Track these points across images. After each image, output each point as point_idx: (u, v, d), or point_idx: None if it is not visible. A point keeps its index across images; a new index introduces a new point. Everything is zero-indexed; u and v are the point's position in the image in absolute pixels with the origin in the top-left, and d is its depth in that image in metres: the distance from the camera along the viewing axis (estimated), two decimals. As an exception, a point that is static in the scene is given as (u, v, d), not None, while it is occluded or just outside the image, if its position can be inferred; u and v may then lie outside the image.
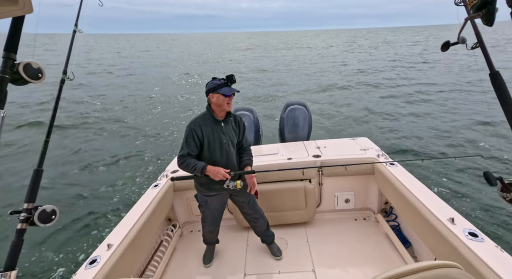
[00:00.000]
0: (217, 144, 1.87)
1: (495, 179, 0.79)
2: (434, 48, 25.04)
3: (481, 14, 0.78)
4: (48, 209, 0.90)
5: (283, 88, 12.48)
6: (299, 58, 24.82)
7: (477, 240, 1.41)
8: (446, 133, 5.73)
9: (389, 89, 10.53)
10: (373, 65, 18.14)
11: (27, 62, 0.76)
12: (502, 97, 0.81)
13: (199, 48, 45.49)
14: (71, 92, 12.90)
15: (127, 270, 1.80)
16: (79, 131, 8.74)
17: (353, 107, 8.54)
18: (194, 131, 1.82)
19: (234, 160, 1.98)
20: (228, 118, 1.93)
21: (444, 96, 8.29)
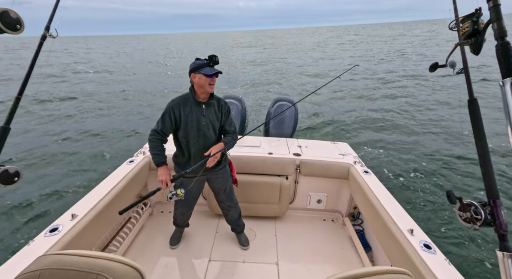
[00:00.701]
0: (195, 125, 1.84)
1: (455, 198, 0.85)
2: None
3: (470, 42, 0.81)
4: (11, 170, 0.85)
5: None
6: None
7: (430, 252, 1.52)
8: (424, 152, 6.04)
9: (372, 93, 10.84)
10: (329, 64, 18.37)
11: (4, 10, 0.70)
12: (475, 122, 0.86)
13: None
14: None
15: (90, 242, 1.76)
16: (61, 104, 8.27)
17: (337, 111, 8.73)
18: (172, 109, 1.81)
19: (213, 144, 1.91)
20: (211, 101, 1.87)
21: (427, 113, 8.68)
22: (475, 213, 0.80)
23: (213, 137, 1.93)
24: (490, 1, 0.68)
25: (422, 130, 7.27)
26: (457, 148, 6.09)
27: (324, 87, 2.97)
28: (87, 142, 5.84)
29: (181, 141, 1.91)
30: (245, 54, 27.85)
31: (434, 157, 5.64)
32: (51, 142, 5.73)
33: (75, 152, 5.29)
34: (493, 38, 0.69)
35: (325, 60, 20.76)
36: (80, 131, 6.43)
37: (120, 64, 21.11)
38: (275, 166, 2.54)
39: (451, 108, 8.87)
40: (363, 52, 25.64)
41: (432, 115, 8.27)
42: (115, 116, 7.73)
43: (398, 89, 11.39)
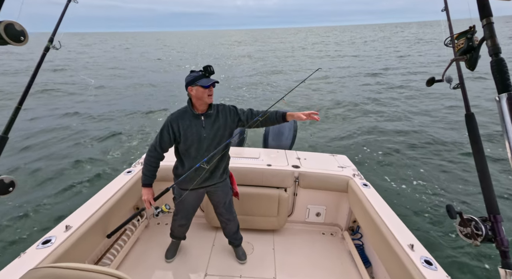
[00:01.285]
0: (195, 139, 1.82)
1: (456, 213, 0.84)
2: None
3: (466, 58, 0.83)
4: (6, 180, 0.84)
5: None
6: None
7: (431, 268, 1.48)
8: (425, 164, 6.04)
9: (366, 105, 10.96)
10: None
11: (9, 22, 0.71)
12: (473, 136, 0.86)
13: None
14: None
15: (83, 254, 1.71)
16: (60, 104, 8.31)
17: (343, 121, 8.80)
18: (170, 124, 1.80)
19: (216, 155, 1.86)
20: (209, 112, 1.84)
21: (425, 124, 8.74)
22: (476, 228, 0.79)
23: (214, 150, 1.87)
24: (483, 19, 0.70)
25: (420, 141, 7.31)
26: (457, 160, 6.10)
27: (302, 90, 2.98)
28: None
29: (182, 154, 1.89)
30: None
31: (433, 169, 5.64)
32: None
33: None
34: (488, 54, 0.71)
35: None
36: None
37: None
38: (273, 178, 2.53)
39: (448, 122, 8.96)
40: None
41: (431, 128, 8.34)
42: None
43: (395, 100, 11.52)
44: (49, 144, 6.08)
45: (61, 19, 1.26)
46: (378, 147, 6.95)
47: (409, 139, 7.55)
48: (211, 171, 1.95)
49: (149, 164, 1.88)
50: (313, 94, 12.49)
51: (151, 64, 21.34)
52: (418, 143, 7.25)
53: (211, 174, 1.96)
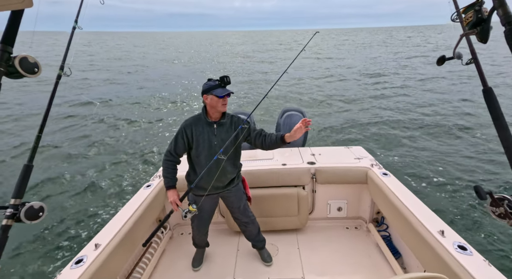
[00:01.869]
0: (206, 146, 1.86)
1: (485, 193, 0.80)
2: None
3: (476, 31, 0.80)
4: (36, 205, 0.88)
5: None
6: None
7: (465, 254, 1.42)
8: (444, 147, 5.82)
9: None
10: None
11: (23, 56, 0.75)
12: (494, 112, 0.82)
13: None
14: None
15: (114, 271, 1.76)
16: (72, 129, 8.64)
17: (349, 114, 8.63)
18: (184, 129, 1.87)
19: (225, 163, 1.88)
20: (222, 120, 1.89)
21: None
22: (510, 207, 0.75)
23: (228, 157, 1.89)
24: None
25: (436, 126, 7.06)
26: (477, 140, 5.84)
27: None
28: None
29: (194, 160, 1.94)
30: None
31: (453, 152, 5.42)
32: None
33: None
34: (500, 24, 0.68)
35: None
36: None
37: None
38: (290, 177, 2.51)
39: (463, 100, 8.61)
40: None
41: (445, 109, 8.04)
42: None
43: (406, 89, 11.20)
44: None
45: (68, 47, 1.31)
46: (393, 135, 6.77)
47: (423, 124, 7.31)
48: (224, 180, 1.98)
49: (168, 167, 1.93)
50: (314, 88, 12.37)
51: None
52: (432, 126, 7.01)
53: (223, 182, 1.99)
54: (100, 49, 43.65)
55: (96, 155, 6.71)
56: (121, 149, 6.96)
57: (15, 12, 0.73)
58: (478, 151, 5.35)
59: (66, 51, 1.30)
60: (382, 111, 8.76)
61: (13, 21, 0.73)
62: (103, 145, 7.36)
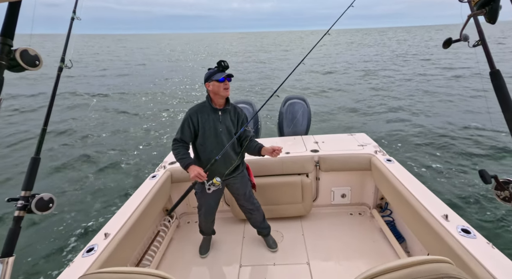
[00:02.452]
0: (212, 132, 1.90)
1: (490, 177, 0.80)
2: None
3: (485, 12, 0.77)
4: (46, 197, 0.90)
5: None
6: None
7: (469, 237, 1.43)
8: (444, 129, 5.76)
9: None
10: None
11: (24, 49, 0.75)
12: (501, 94, 0.81)
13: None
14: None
15: (124, 258, 1.82)
16: (78, 121, 8.70)
17: (352, 101, 8.54)
18: (190, 117, 1.89)
19: (230, 150, 1.97)
20: (227, 107, 1.94)
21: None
22: None
23: (231, 143, 1.96)
24: None
25: (440, 109, 6.96)
26: (483, 123, 5.76)
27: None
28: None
29: (199, 148, 1.97)
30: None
31: (457, 135, 5.37)
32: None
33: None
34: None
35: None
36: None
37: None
38: (294, 165, 2.52)
39: (471, 82, 8.44)
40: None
41: (448, 92, 7.90)
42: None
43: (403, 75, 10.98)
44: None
45: (68, 38, 1.30)
46: (396, 123, 6.71)
47: (426, 111, 7.22)
48: (227, 165, 2.00)
49: (179, 151, 1.91)
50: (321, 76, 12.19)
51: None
52: (436, 114, 6.92)
53: (227, 168, 2.01)
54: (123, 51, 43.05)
55: (102, 148, 6.78)
56: (128, 142, 7.02)
57: (12, 3, 0.72)
58: (483, 135, 5.29)
59: (66, 42, 1.29)
60: (388, 100, 8.65)
61: (11, 13, 0.73)
62: (111, 137, 7.42)
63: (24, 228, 0.86)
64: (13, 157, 6.13)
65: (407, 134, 5.83)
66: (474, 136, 5.33)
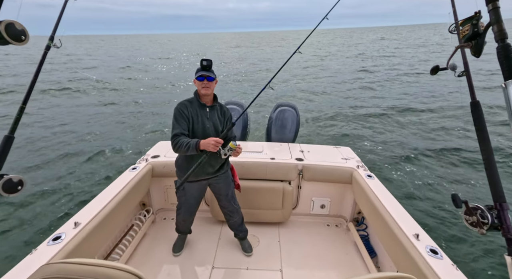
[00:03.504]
0: (200, 127, 1.89)
1: (461, 201, 0.84)
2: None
3: (471, 45, 0.82)
4: (15, 178, 0.85)
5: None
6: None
7: (436, 257, 1.49)
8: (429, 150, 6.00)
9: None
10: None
11: (10, 22, 0.71)
12: (478, 124, 0.85)
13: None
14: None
15: (93, 250, 1.75)
16: (64, 102, 8.38)
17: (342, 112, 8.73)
18: (181, 109, 1.86)
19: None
20: (214, 104, 1.96)
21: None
22: (482, 217, 0.79)
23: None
24: (489, 4, 0.68)
25: (424, 132, 7.24)
26: (461, 150, 6.04)
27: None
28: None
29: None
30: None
31: (438, 159, 5.60)
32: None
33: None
34: (494, 40, 0.70)
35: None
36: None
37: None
38: (277, 171, 2.53)
39: (452, 109, 8.85)
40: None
41: (434, 117, 8.24)
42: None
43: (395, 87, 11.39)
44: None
45: (60, 17, 1.25)
46: (381, 140, 6.91)
47: (410, 131, 7.49)
48: (214, 164, 1.99)
49: (182, 141, 1.77)
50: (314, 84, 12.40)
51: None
52: (419, 135, 7.19)
53: (213, 167, 2.00)
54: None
55: (84, 134, 6.55)
56: (113, 130, 6.82)
57: None
58: (463, 161, 5.56)
59: (58, 21, 1.24)
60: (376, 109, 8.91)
61: None
62: (95, 124, 7.19)
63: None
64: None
65: (389, 151, 6.03)
66: (452, 159, 5.59)
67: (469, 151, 5.85)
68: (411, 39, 49.40)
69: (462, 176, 4.94)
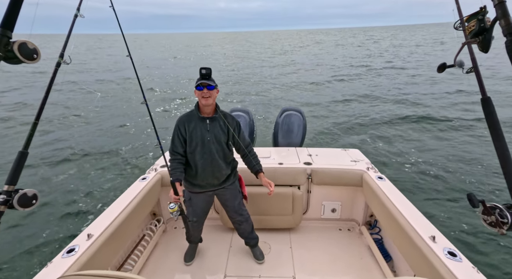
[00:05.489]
0: (199, 141, 1.86)
1: (478, 201, 0.81)
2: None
3: (478, 41, 0.80)
4: (29, 193, 0.87)
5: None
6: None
7: (455, 260, 1.44)
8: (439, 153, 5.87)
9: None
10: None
11: (22, 42, 0.74)
12: (491, 121, 0.83)
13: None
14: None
15: (106, 261, 1.76)
16: (71, 120, 8.61)
17: (348, 116, 8.66)
18: (178, 128, 1.88)
19: (219, 159, 1.92)
20: (215, 116, 1.89)
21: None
22: (501, 216, 0.76)
23: (221, 153, 1.92)
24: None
25: (435, 131, 7.10)
26: (474, 147, 5.88)
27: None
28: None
29: (189, 156, 1.93)
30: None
31: (451, 159, 5.46)
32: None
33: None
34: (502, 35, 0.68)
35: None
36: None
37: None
38: (286, 176, 2.52)
39: (463, 107, 8.67)
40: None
41: (444, 115, 8.08)
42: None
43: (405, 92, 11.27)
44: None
45: (69, 35, 1.30)
46: (390, 139, 6.80)
47: (421, 128, 7.35)
48: (219, 176, 1.98)
49: (171, 165, 1.91)
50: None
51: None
52: (431, 131, 7.05)
53: (219, 179, 1.99)
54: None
55: (93, 147, 6.68)
56: (115, 143, 6.94)
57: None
58: (475, 159, 5.41)
59: (67, 39, 1.29)
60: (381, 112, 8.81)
61: (14, 5, 0.73)
62: (103, 136, 7.33)
63: (4, 223, 0.82)
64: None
65: (399, 152, 5.92)
66: (465, 159, 5.44)
67: (481, 150, 5.69)
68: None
69: (476, 175, 4.80)
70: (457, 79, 12.47)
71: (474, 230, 3.38)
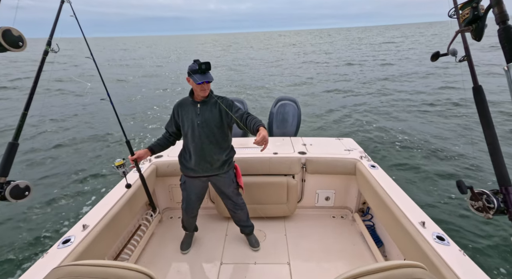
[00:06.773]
0: (190, 125, 1.90)
1: (466, 187, 0.84)
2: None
3: (471, 29, 0.80)
4: (22, 184, 0.86)
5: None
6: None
7: (443, 244, 1.49)
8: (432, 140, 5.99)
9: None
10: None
11: (7, 28, 0.71)
12: (482, 109, 0.85)
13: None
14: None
15: (102, 251, 1.77)
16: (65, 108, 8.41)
17: (342, 106, 8.69)
18: (174, 110, 1.99)
19: (210, 144, 1.90)
20: (206, 99, 1.90)
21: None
22: (488, 201, 0.79)
23: (210, 137, 1.89)
24: None
25: (426, 120, 7.20)
26: (464, 136, 6.00)
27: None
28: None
29: (184, 141, 2.02)
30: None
31: (441, 147, 5.57)
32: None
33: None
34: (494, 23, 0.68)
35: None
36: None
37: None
38: (281, 165, 2.54)
39: (455, 95, 8.77)
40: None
41: (436, 105, 8.18)
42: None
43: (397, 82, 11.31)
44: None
45: (56, 22, 1.25)
46: (383, 129, 6.88)
47: (412, 118, 7.45)
48: (211, 161, 1.96)
49: (159, 137, 2.12)
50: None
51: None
52: (420, 121, 7.15)
53: (211, 164, 1.98)
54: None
55: (88, 138, 6.58)
56: (108, 133, 6.84)
57: None
58: (466, 147, 5.54)
59: (54, 25, 1.24)
60: (377, 105, 8.86)
61: None
62: (97, 127, 7.22)
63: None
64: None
65: (392, 140, 6.01)
66: (456, 147, 5.57)
67: (473, 137, 5.81)
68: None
69: (467, 162, 4.92)
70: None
71: (462, 215, 3.51)
